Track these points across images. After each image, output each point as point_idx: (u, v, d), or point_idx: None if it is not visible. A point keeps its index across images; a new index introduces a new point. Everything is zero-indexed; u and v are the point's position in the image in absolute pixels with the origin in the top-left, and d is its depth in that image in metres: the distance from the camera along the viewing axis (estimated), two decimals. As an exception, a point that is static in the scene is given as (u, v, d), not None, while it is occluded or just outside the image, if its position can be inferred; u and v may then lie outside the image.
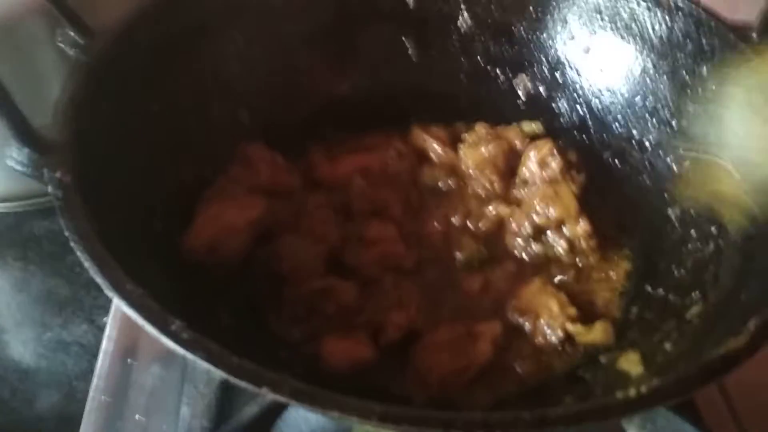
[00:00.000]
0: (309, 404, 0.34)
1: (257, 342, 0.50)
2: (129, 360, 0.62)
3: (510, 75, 0.71)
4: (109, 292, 0.38)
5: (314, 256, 0.56)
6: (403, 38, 0.72)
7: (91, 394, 0.60)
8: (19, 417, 0.73)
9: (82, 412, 0.71)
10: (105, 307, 0.83)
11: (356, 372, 0.50)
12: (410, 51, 0.72)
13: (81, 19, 0.54)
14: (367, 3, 0.70)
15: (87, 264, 0.39)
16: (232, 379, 0.35)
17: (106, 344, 0.64)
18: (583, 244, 0.59)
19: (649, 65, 0.64)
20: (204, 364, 0.36)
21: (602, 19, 0.67)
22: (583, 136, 0.68)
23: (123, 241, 0.43)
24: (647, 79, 0.64)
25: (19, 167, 0.44)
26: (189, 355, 0.36)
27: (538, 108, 0.70)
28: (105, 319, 0.81)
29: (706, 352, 0.40)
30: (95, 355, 0.77)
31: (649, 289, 0.55)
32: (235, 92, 0.63)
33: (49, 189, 0.43)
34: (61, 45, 0.54)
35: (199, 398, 0.56)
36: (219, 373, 0.35)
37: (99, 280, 0.38)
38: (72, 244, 0.40)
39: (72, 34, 0.53)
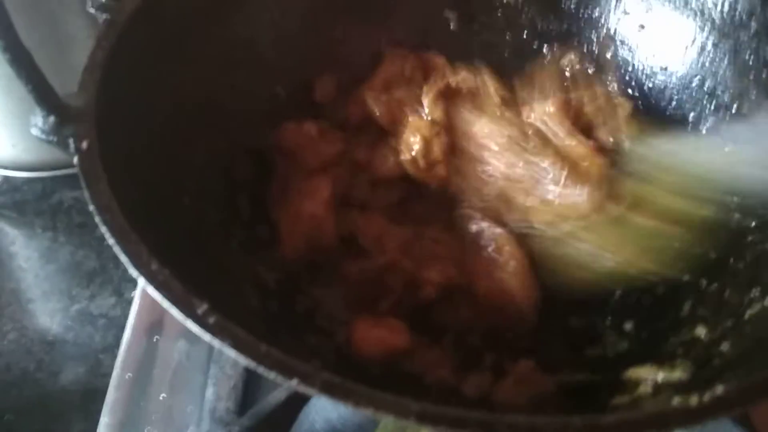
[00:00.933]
0: (341, 399, 0.32)
1: (285, 326, 0.48)
2: (155, 337, 0.60)
3: (557, 52, 0.67)
4: (133, 271, 0.36)
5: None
6: (446, 9, 0.68)
7: (115, 370, 0.58)
8: (44, 390, 0.72)
9: (107, 386, 0.70)
10: (133, 280, 0.82)
11: (389, 360, 0.48)
12: (451, 24, 0.69)
13: (111, -18, 0.52)
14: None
15: (110, 240, 0.37)
16: (260, 369, 0.33)
17: (132, 319, 0.63)
18: None
19: (709, 45, 0.60)
20: (230, 352, 0.34)
21: (660, -7, 0.63)
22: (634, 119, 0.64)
23: (148, 215, 0.41)
24: (706, 60, 0.60)
25: (42, 135, 0.42)
26: (215, 342, 0.34)
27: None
28: (132, 291, 0.80)
29: (769, 357, 0.37)
30: (122, 329, 0.77)
31: (703, 282, 0.52)
32: (268, 63, 0.61)
33: (73, 159, 0.41)
34: (92, 10, 0.52)
35: (225, 380, 0.54)
36: (246, 362, 0.33)
37: (122, 257, 0.36)
38: (95, 217, 0.38)
39: (103, -2, 0.51)
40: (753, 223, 0.51)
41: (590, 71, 0.65)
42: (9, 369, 0.74)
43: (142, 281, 0.36)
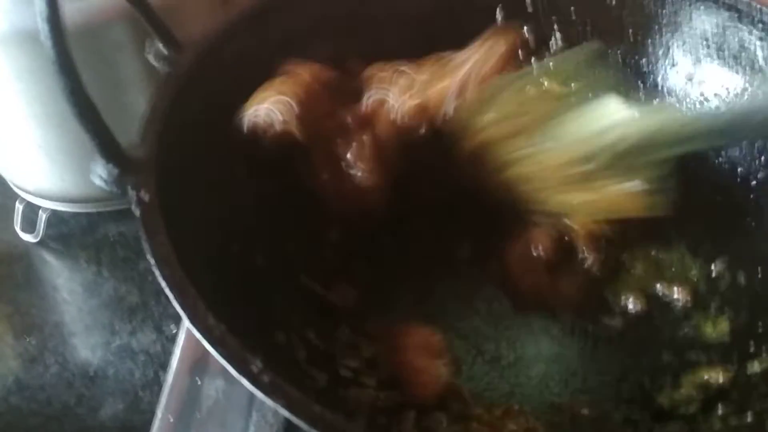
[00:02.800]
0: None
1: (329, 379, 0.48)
2: (197, 379, 0.61)
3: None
4: (191, 326, 0.36)
5: None
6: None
7: (158, 412, 0.59)
8: (84, 425, 0.73)
9: (146, 423, 0.70)
10: (174, 316, 0.83)
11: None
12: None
13: (169, 31, 0.53)
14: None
15: (168, 293, 0.38)
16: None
17: (175, 360, 0.63)
18: None
19: (759, 98, 0.59)
20: (284, 412, 0.34)
21: (708, 47, 0.62)
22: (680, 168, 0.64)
23: (202, 265, 0.42)
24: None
25: (104, 185, 0.43)
26: (269, 401, 0.34)
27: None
28: (173, 328, 0.81)
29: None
30: (162, 366, 0.77)
31: (752, 348, 0.51)
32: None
33: (132, 208, 0.42)
34: (149, 57, 0.53)
35: (266, 427, 0.54)
36: (302, 425, 0.33)
37: (180, 312, 0.37)
38: (154, 269, 0.38)
39: (160, 46, 0.52)
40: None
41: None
42: (50, 403, 0.75)
43: (197, 335, 0.36)
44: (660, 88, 0.66)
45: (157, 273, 0.38)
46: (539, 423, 0.48)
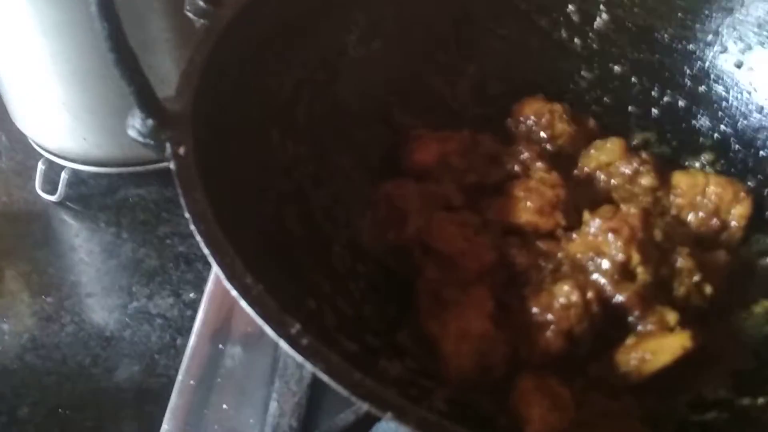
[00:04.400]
0: (436, 437, 0.31)
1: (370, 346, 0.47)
2: (220, 344, 0.60)
3: (646, 83, 0.65)
4: (227, 284, 0.35)
5: None
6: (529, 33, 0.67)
7: (179, 376, 0.58)
8: (98, 386, 0.72)
9: (161, 387, 0.70)
10: (192, 282, 0.82)
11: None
12: (534, 47, 0.67)
13: (208, -13, 0.52)
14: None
15: (205, 250, 0.36)
16: (353, 398, 0.32)
17: (195, 324, 0.62)
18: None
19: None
20: (323, 377, 0.33)
21: (760, 34, 0.60)
22: (723, 159, 0.62)
23: (237, 224, 0.41)
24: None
25: (140, 138, 0.41)
26: (307, 365, 0.33)
27: (673, 122, 0.64)
28: (191, 293, 0.80)
29: None
30: (178, 330, 0.77)
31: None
32: (361, 74, 0.60)
33: (169, 163, 0.40)
34: (190, 14, 0.52)
35: (289, 395, 0.53)
36: (339, 390, 0.32)
37: (216, 269, 0.36)
38: (191, 226, 0.37)
39: (200, 1, 0.51)
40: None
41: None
42: (65, 362, 0.74)
43: (234, 295, 0.35)
44: (707, 74, 0.64)
45: (193, 229, 0.37)
46: None
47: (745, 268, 0.55)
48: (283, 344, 0.34)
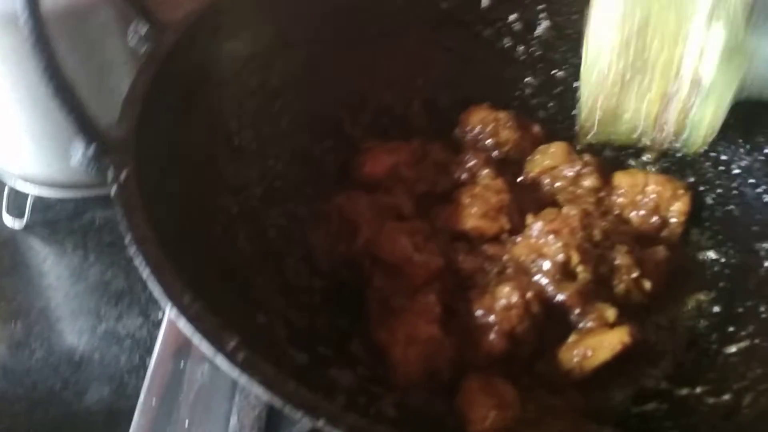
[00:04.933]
0: (367, 441, 0.32)
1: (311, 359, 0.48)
2: (182, 361, 0.61)
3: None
4: (165, 303, 0.36)
5: None
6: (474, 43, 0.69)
7: (142, 395, 0.59)
8: (69, 409, 0.73)
9: (131, 408, 0.70)
10: (161, 302, 0.82)
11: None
12: (479, 57, 0.69)
13: (152, 13, 0.53)
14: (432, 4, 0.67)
15: (144, 271, 0.38)
16: (287, 408, 0.33)
17: (159, 343, 0.63)
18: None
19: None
20: (258, 390, 0.34)
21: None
22: (663, 157, 0.64)
23: (182, 245, 0.42)
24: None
25: (82, 165, 0.42)
26: (243, 379, 0.34)
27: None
28: (159, 313, 0.81)
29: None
30: (148, 351, 0.77)
31: (731, 328, 0.51)
32: (309, 91, 0.61)
33: (111, 189, 0.42)
34: (132, 39, 0.53)
35: (249, 409, 0.54)
36: (274, 401, 0.33)
37: (156, 289, 0.37)
38: (130, 249, 0.38)
39: (143, 28, 0.52)
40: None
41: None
42: (35, 387, 0.75)
43: (170, 309, 0.36)
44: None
45: (132, 250, 0.38)
46: None
47: (684, 262, 0.57)
48: (220, 361, 0.35)
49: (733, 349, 0.49)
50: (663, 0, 0.52)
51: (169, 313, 0.67)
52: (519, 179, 0.62)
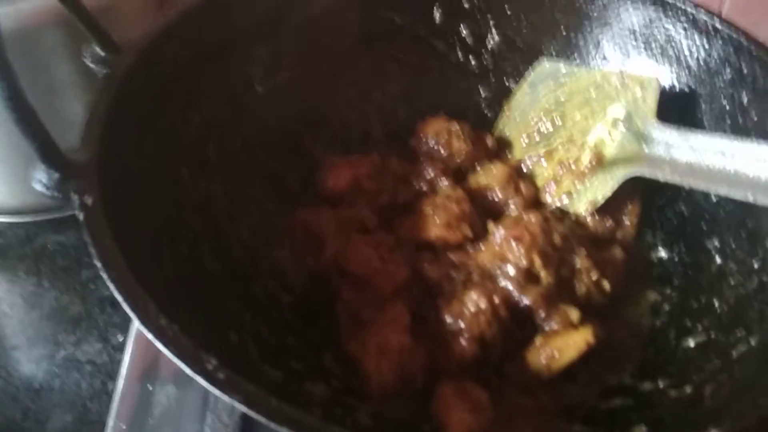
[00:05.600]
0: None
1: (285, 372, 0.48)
2: (148, 385, 0.60)
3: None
4: (142, 327, 0.36)
5: None
6: (429, 55, 0.70)
7: (110, 420, 0.58)
8: (31, 439, 0.71)
9: (95, 434, 0.69)
10: (119, 325, 0.81)
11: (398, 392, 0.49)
12: (434, 69, 0.71)
13: (107, 34, 0.53)
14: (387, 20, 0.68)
15: (118, 296, 0.37)
16: (272, 425, 0.34)
17: (125, 368, 0.63)
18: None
19: (686, 90, 0.62)
20: (242, 408, 0.34)
21: (636, 42, 0.65)
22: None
23: (151, 267, 0.42)
24: (684, 105, 0.62)
25: (46, 191, 0.42)
26: (225, 398, 0.34)
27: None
28: (120, 337, 0.80)
29: (761, 398, 0.38)
30: (109, 375, 0.76)
31: (688, 323, 0.53)
32: (270, 107, 0.62)
33: (77, 213, 0.41)
34: (86, 60, 0.52)
35: (221, 428, 0.54)
36: (259, 418, 0.34)
37: (131, 314, 0.37)
38: (102, 273, 0.38)
39: (98, 50, 0.52)
40: (735, 268, 0.53)
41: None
42: (-5, 418, 0.73)
43: (150, 337, 0.36)
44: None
45: (105, 276, 0.38)
46: None
47: (640, 262, 0.59)
48: (202, 381, 0.35)
49: (691, 343, 0.52)
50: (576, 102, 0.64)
51: (132, 336, 0.67)
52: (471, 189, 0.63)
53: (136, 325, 0.69)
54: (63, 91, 0.79)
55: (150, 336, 0.36)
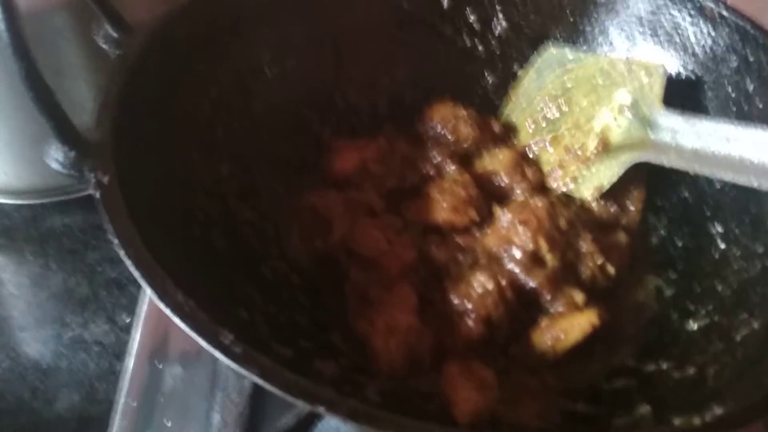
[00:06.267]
0: (366, 424, 0.34)
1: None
2: (157, 362, 0.61)
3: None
4: (160, 304, 0.37)
5: None
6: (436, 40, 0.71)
7: (120, 398, 0.59)
8: (39, 417, 0.72)
9: (103, 413, 0.70)
10: (126, 306, 0.82)
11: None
12: (441, 54, 0.71)
13: (120, 16, 0.53)
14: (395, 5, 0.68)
15: (135, 273, 0.38)
16: (289, 397, 0.34)
17: (132, 346, 0.63)
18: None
19: (692, 78, 0.63)
20: (257, 380, 0.35)
21: (643, 29, 0.66)
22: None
23: (165, 246, 0.42)
24: (689, 92, 0.63)
25: (63, 169, 0.43)
26: (242, 371, 0.35)
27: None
28: (126, 318, 0.80)
29: (765, 379, 0.39)
30: (117, 356, 0.77)
31: (691, 307, 0.54)
32: (278, 91, 0.62)
33: (92, 191, 0.42)
34: (97, 40, 0.53)
35: (231, 406, 0.55)
36: (275, 391, 0.34)
37: (148, 290, 0.37)
38: (118, 251, 0.39)
39: (110, 30, 0.52)
40: (738, 252, 0.54)
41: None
42: (3, 397, 0.74)
43: (168, 312, 0.37)
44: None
45: (122, 254, 0.38)
46: None
47: (644, 247, 0.60)
48: (219, 354, 0.36)
49: (694, 326, 0.52)
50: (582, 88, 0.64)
51: (142, 315, 0.68)
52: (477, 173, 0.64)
53: (144, 304, 0.70)
54: (70, 73, 0.79)
55: (168, 311, 0.37)
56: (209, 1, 0.58)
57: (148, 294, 0.69)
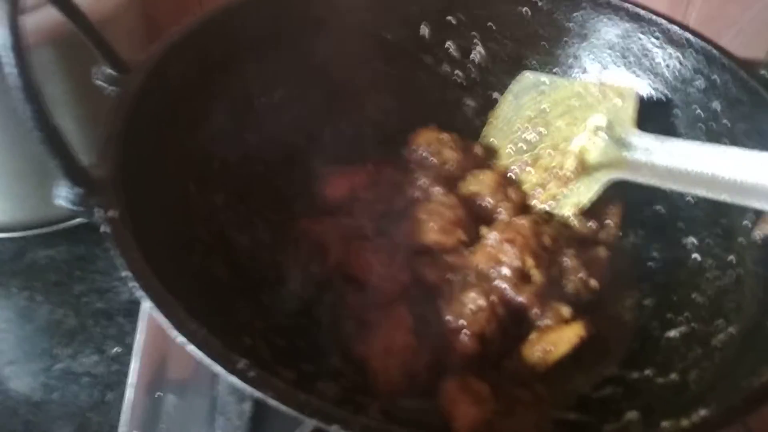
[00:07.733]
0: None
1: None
2: (156, 393, 0.62)
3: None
4: (173, 333, 0.38)
5: None
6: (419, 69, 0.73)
7: (122, 430, 0.59)
8: (34, 451, 0.71)
9: (97, 444, 0.70)
10: (115, 336, 0.82)
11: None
12: (423, 82, 0.74)
13: (116, 54, 0.55)
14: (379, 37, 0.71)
15: (148, 304, 0.40)
16: (302, 417, 0.36)
17: (133, 378, 0.64)
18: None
19: (662, 98, 0.66)
20: (272, 403, 0.36)
21: (614, 54, 0.69)
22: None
23: (173, 277, 0.44)
24: (660, 112, 0.66)
25: (70, 206, 0.44)
26: (257, 394, 0.37)
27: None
28: (115, 348, 0.81)
29: (743, 381, 0.42)
30: (108, 386, 0.77)
31: (670, 316, 0.57)
32: (268, 122, 0.64)
33: (101, 228, 0.43)
34: (95, 79, 0.54)
35: (232, 430, 0.56)
36: (289, 411, 0.36)
37: (162, 321, 0.39)
38: (131, 284, 0.40)
39: (108, 69, 0.54)
40: (712, 263, 0.57)
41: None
42: (-4, 432, 0.73)
43: (180, 341, 0.38)
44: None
45: (135, 286, 0.40)
46: None
47: (623, 260, 0.63)
48: (234, 379, 0.37)
49: (674, 334, 0.55)
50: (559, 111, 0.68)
51: (138, 345, 0.68)
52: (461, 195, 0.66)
53: (139, 334, 0.71)
54: (57, 108, 0.79)
55: (182, 340, 0.38)
56: (199, 39, 0.60)
57: (142, 324, 0.70)
